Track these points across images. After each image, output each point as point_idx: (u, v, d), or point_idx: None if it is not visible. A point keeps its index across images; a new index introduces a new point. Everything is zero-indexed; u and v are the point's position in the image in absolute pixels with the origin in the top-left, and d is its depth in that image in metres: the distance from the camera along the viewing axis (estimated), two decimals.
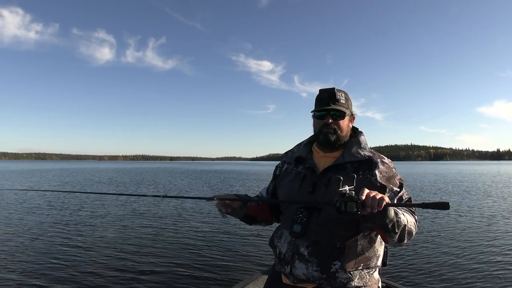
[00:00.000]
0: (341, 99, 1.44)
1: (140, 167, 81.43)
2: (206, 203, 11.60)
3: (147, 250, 5.97)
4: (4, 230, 7.61)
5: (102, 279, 4.56)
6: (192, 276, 4.71)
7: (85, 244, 6.39)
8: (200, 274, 4.79)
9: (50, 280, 4.51)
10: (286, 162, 1.61)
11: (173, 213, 9.87)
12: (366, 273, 1.35)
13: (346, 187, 1.08)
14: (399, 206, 1.22)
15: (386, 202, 1.07)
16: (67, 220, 8.94)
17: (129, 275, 4.70)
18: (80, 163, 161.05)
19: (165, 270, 4.93)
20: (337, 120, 1.42)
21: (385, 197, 1.08)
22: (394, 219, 1.14)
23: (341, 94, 1.45)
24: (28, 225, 8.15)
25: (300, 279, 1.36)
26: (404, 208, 1.28)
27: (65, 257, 5.55)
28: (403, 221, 1.19)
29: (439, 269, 4.95)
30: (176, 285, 4.42)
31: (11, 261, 5.29)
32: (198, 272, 4.88)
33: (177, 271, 4.88)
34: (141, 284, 4.41)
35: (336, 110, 1.42)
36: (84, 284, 4.40)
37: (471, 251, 5.88)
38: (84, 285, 4.37)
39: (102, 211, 10.33)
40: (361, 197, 1.04)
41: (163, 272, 4.85)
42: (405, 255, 5.62)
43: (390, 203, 1.09)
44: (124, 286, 4.36)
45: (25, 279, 4.56)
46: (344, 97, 1.45)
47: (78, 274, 4.73)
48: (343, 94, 1.46)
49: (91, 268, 4.96)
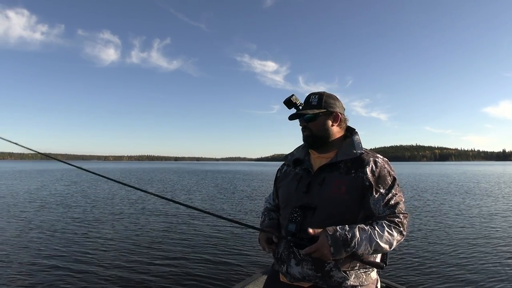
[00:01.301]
0: (313, 101, 1.48)
1: (146, 167, 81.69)
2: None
3: (148, 250, 6.02)
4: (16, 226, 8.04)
5: (102, 278, 4.61)
6: (192, 276, 4.73)
7: (89, 240, 6.62)
8: (201, 274, 4.81)
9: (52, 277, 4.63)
10: (286, 165, 1.66)
11: (173, 213, 9.99)
12: (362, 272, 1.37)
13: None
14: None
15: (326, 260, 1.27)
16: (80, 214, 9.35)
17: (129, 275, 4.73)
18: (85, 163, 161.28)
19: (165, 270, 4.96)
20: (310, 122, 1.47)
21: (327, 255, 1.22)
22: (342, 253, 1.23)
23: (314, 96, 1.49)
24: (38, 221, 8.56)
25: (297, 278, 1.39)
26: (387, 220, 1.31)
27: (67, 249, 5.93)
28: (361, 249, 1.24)
29: (439, 269, 4.97)
30: (177, 285, 4.43)
31: (12, 257, 5.46)
32: (199, 272, 4.90)
33: (178, 271, 4.90)
34: (141, 284, 4.44)
35: (303, 114, 1.46)
36: (83, 280, 4.52)
37: (471, 251, 5.89)
38: (83, 282, 4.46)
39: (109, 209, 10.74)
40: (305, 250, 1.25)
41: (164, 271, 4.87)
42: (405, 255, 5.63)
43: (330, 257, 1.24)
44: (124, 285, 4.39)
45: (26, 277, 4.65)
46: (318, 99, 1.48)
47: (77, 269, 4.90)
48: (316, 96, 1.49)
49: (92, 266, 5.06)
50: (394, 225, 1.30)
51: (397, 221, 1.30)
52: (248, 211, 10.89)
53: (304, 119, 1.47)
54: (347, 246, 1.21)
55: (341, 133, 1.52)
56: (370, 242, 1.24)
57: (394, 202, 1.34)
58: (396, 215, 1.32)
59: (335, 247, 1.21)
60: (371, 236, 1.24)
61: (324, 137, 1.47)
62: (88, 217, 9.43)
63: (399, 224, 1.31)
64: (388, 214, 1.32)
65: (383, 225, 1.28)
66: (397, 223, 1.30)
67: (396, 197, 1.35)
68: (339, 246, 1.21)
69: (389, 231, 1.27)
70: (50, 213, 10.01)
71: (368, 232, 1.24)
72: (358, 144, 1.46)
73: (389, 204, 1.33)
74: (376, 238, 1.24)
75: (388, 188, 1.35)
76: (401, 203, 1.35)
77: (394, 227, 1.29)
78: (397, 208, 1.33)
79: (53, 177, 30.86)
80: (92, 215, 9.78)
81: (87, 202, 12.70)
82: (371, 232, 1.25)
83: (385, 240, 1.25)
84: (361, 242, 1.23)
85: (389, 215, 1.32)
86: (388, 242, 1.26)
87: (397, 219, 1.31)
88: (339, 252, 1.21)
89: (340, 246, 1.21)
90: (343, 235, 1.22)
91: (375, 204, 1.33)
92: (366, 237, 1.23)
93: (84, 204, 11.99)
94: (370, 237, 1.24)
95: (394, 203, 1.34)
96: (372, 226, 1.28)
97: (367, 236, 1.24)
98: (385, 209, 1.33)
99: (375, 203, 1.34)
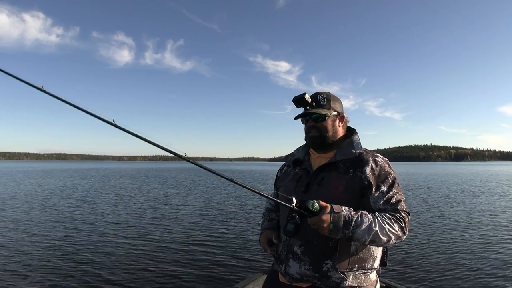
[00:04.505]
0: (322, 101, 1.47)
1: (163, 167, 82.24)
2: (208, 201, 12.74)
3: (148, 250, 6.04)
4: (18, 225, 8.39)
5: (101, 277, 4.65)
6: (193, 276, 4.75)
7: (89, 241, 6.67)
8: (201, 273, 4.83)
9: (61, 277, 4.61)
10: (286, 165, 1.67)
11: (173, 214, 10.08)
12: (361, 273, 1.36)
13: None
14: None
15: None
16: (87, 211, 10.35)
17: (129, 275, 4.75)
18: (101, 163, 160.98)
19: (165, 270, 4.97)
20: (319, 122, 1.46)
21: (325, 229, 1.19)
22: (340, 233, 1.20)
23: (321, 96, 1.48)
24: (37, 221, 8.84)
25: (295, 278, 1.39)
26: (389, 214, 1.29)
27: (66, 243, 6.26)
28: (358, 235, 1.22)
29: (439, 269, 4.95)
30: (177, 284, 4.46)
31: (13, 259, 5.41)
32: (199, 271, 4.90)
33: (178, 271, 4.92)
34: (142, 284, 4.45)
35: (314, 113, 1.45)
36: (83, 279, 4.55)
37: (471, 251, 5.89)
38: (84, 281, 4.51)
39: (112, 209, 11.02)
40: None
41: (164, 272, 4.89)
42: (405, 255, 5.64)
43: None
44: (124, 285, 4.42)
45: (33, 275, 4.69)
46: (326, 99, 1.48)
47: (77, 268, 4.97)
48: (324, 96, 1.49)
49: (92, 266, 5.09)
50: (395, 219, 1.28)
51: (398, 216, 1.29)
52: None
53: (313, 119, 1.47)
54: (346, 228, 1.20)
55: (343, 134, 1.54)
56: (369, 231, 1.22)
57: (395, 200, 1.33)
58: (398, 211, 1.31)
59: (335, 225, 1.19)
60: (371, 225, 1.23)
61: (331, 137, 1.48)
62: (87, 215, 9.82)
63: (401, 219, 1.29)
64: (389, 210, 1.32)
65: (385, 216, 1.27)
66: (399, 218, 1.29)
67: (397, 195, 1.34)
68: (339, 226, 1.20)
69: (391, 224, 1.26)
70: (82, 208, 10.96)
71: (369, 220, 1.23)
72: (358, 144, 1.46)
73: (390, 202, 1.32)
74: (376, 227, 1.22)
75: (388, 186, 1.35)
76: (402, 201, 1.34)
77: (396, 220, 1.28)
78: (399, 205, 1.32)
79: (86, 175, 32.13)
80: (93, 215, 9.89)
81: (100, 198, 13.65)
82: (372, 220, 1.23)
83: (385, 232, 1.24)
84: (360, 228, 1.21)
85: (390, 211, 1.31)
86: (387, 235, 1.24)
87: (399, 214, 1.30)
88: (337, 231, 1.20)
89: (340, 227, 1.20)
90: (346, 216, 1.21)
91: (375, 202, 1.33)
92: (366, 224, 1.22)
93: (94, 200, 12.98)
94: (370, 225, 1.22)
95: (395, 201, 1.33)
96: (374, 215, 1.26)
97: (368, 224, 1.22)
98: (386, 206, 1.32)
99: (375, 201, 1.33)
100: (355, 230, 1.21)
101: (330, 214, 1.19)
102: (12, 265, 5.12)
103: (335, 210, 1.21)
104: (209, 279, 4.64)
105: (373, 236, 1.22)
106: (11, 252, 5.82)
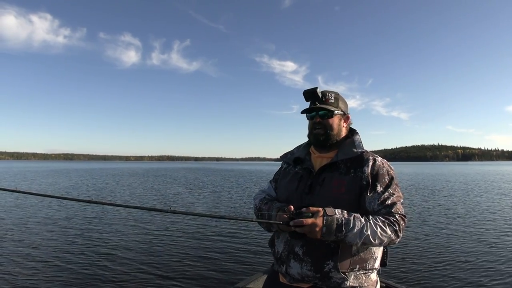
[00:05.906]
0: (330, 99, 1.47)
1: (170, 167, 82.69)
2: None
3: (147, 250, 6.00)
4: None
5: (102, 277, 4.66)
6: (193, 276, 4.75)
7: (88, 240, 6.66)
8: (201, 274, 4.83)
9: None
10: (285, 163, 1.65)
11: (173, 216, 9.96)
12: (362, 274, 1.35)
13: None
14: None
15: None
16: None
17: (129, 275, 4.77)
18: (109, 163, 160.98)
19: (165, 270, 4.96)
20: (326, 119, 1.45)
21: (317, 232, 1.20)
22: (332, 236, 1.22)
23: (330, 94, 1.48)
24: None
25: (296, 278, 1.38)
26: (382, 217, 1.29)
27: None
28: (350, 238, 1.23)
29: (439, 269, 4.95)
30: (177, 284, 4.46)
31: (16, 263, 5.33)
32: (199, 272, 4.91)
33: (178, 271, 4.92)
34: (142, 283, 4.47)
35: (323, 109, 1.44)
36: (84, 282, 4.51)
37: (472, 251, 5.87)
38: (83, 283, 4.48)
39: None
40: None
41: (164, 272, 4.89)
42: (405, 255, 5.63)
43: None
44: (125, 285, 4.43)
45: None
46: (334, 97, 1.48)
47: (77, 272, 4.88)
48: (332, 94, 1.49)
49: (91, 265, 5.11)
50: (388, 223, 1.27)
51: (392, 220, 1.28)
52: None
53: (320, 115, 1.46)
54: (339, 231, 1.21)
55: (345, 134, 1.55)
56: (361, 235, 1.23)
57: (391, 202, 1.32)
58: (392, 214, 1.30)
59: (327, 228, 1.20)
60: (363, 228, 1.23)
61: (335, 136, 1.48)
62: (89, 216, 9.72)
63: (394, 223, 1.28)
64: (383, 213, 1.31)
65: (377, 220, 1.27)
66: (392, 221, 1.28)
67: (393, 197, 1.33)
68: (332, 230, 1.21)
69: (383, 227, 1.26)
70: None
71: (362, 224, 1.24)
72: (359, 143, 1.47)
73: (385, 204, 1.31)
74: (367, 231, 1.23)
75: (385, 187, 1.34)
76: (398, 203, 1.33)
77: (389, 224, 1.27)
78: (394, 208, 1.31)
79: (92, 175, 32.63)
80: (94, 213, 9.94)
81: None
82: (364, 224, 1.24)
83: (378, 236, 1.24)
84: (352, 232, 1.22)
85: (384, 214, 1.30)
86: (379, 239, 1.25)
87: (392, 217, 1.29)
88: (329, 235, 1.21)
89: (332, 230, 1.21)
90: (339, 219, 1.22)
91: (370, 203, 1.33)
92: (358, 228, 1.23)
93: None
94: (362, 229, 1.23)
95: (391, 203, 1.32)
96: (367, 218, 1.26)
97: (359, 227, 1.23)
98: (380, 208, 1.31)
99: (370, 201, 1.33)
100: (347, 234, 1.23)
101: (323, 217, 1.21)
102: (28, 262, 5.29)
103: (328, 213, 1.23)
104: (209, 279, 4.66)
105: (364, 239, 1.24)
106: (29, 249, 6.07)
